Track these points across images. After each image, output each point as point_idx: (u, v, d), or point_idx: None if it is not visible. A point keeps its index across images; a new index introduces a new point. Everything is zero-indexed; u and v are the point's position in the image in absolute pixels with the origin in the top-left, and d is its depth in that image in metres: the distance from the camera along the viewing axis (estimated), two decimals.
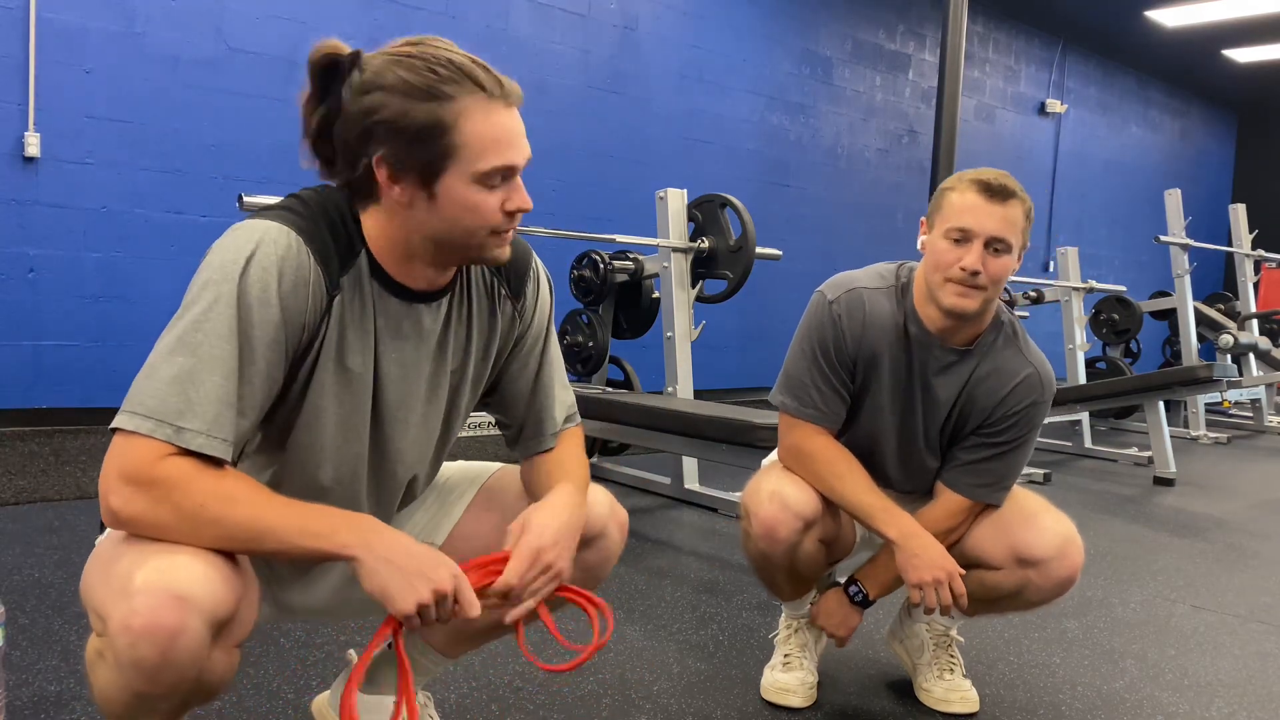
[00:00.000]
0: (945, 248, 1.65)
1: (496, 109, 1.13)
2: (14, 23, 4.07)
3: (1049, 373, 1.77)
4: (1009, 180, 1.65)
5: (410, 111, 1.09)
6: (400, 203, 1.14)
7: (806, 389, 1.76)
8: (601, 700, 1.85)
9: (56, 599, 2.20)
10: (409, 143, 1.10)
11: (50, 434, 4.19)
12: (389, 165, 1.12)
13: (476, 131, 1.11)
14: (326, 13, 4.90)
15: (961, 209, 1.64)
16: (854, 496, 1.72)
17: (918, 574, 1.65)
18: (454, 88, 1.10)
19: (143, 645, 0.97)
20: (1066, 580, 1.73)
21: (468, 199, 1.14)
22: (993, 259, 1.63)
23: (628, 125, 6.23)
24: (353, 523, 1.10)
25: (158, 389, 1.04)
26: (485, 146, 1.12)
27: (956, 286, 1.64)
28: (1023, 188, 1.67)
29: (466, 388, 1.33)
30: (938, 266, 1.66)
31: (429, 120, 1.10)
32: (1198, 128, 11.70)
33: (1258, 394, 7.06)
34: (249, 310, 1.07)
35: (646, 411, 3.42)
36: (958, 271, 1.63)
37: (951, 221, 1.64)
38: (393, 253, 1.19)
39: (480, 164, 1.12)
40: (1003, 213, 1.62)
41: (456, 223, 1.15)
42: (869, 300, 1.74)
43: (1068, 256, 6.21)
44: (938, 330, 1.72)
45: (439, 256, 1.20)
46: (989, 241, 1.62)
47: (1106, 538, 3.49)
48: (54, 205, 4.24)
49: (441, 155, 1.11)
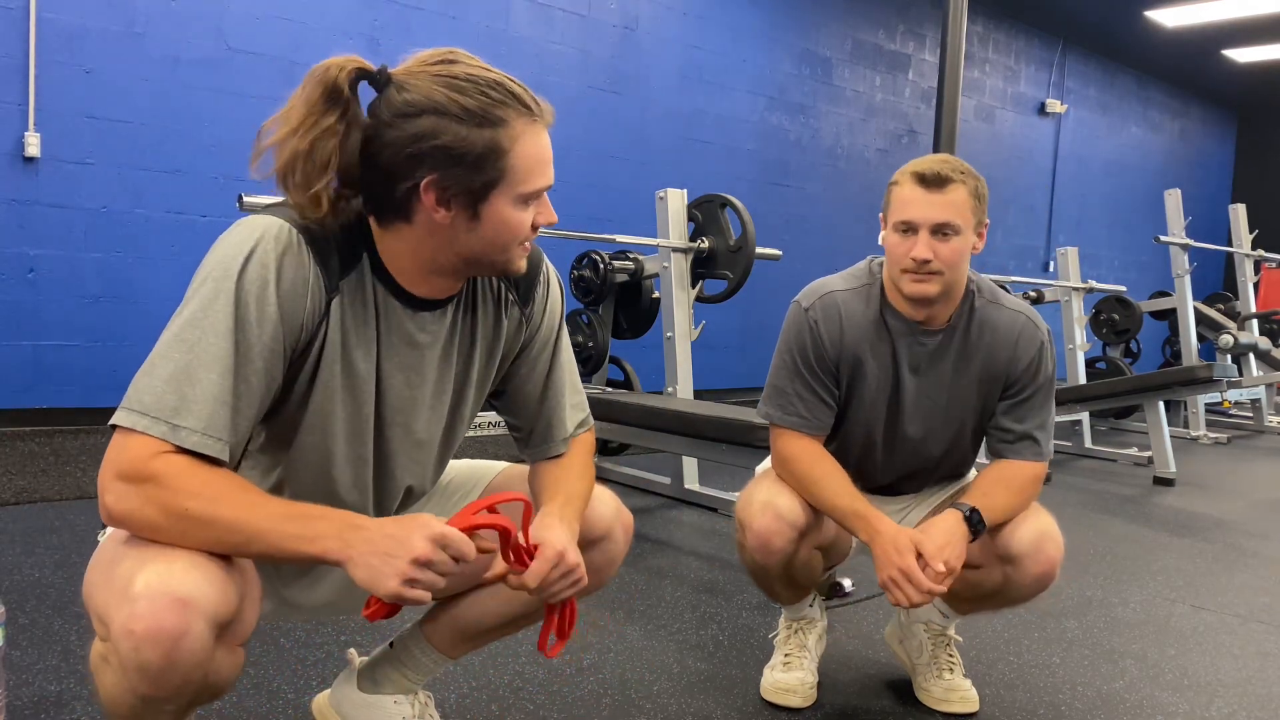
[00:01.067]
0: (896, 240, 1.71)
1: (540, 130, 1.14)
2: (14, 23, 4.07)
3: (1035, 313, 1.83)
4: (946, 166, 1.68)
5: (470, 138, 1.09)
6: (441, 225, 1.13)
7: (789, 398, 1.79)
8: (601, 700, 1.85)
9: (56, 599, 2.20)
10: (466, 169, 1.10)
11: (50, 434, 4.19)
12: (438, 189, 1.11)
13: (527, 154, 1.12)
14: (326, 13, 4.89)
15: (903, 202, 1.69)
16: (830, 500, 1.73)
17: (880, 574, 1.64)
18: (505, 111, 1.11)
19: (146, 649, 0.97)
20: (1043, 575, 1.72)
21: (508, 218, 1.15)
22: (942, 244, 1.67)
23: (628, 125, 6.23)
24: (333, 521, 1.06)
25: (155, 386, 1.04)
26: (532, 169, 1.13)
27: (911, 275, 1.70)
28: (969, 168, 1.71)
29: (470, 393, 1.33)
30: (892, 259, 1.73)
31: (489, 146, 1.10)
32: (1198, 128, 11.70)
33: (1258, 394, 7.05)
34: (247, 308, 1.07)
35: (646, 411, 3.42)
36: (909, 262, 1.69)
37: (897, 215, 1.70)
38: (415, 270, 1.19)
39: (525, 186, 1.14)
40: (942, 199, 1.66)
41: (492, 241, 1.16)
42: (843, 302, 1.78)
43: (1068, 256, 6.21)
44: (913, 318, 1.76)
45: (465, 270, 1.21)
46: (934, 229, 1.67)
47: (1106, 538, 3.49)
48: (54, 205, 4.24)
49: (493, 176, 1.11)
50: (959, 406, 1.82)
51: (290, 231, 1.11)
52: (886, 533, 1.65)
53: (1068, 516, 3.77)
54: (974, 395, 1.81)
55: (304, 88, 1.10)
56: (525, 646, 2.06)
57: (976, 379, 1.79)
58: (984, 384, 1.80)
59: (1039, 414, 1.80)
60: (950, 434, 1.85)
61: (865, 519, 1.68)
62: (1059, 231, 9.69)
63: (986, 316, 1.79)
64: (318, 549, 1.05)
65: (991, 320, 1.79)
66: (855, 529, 1.70)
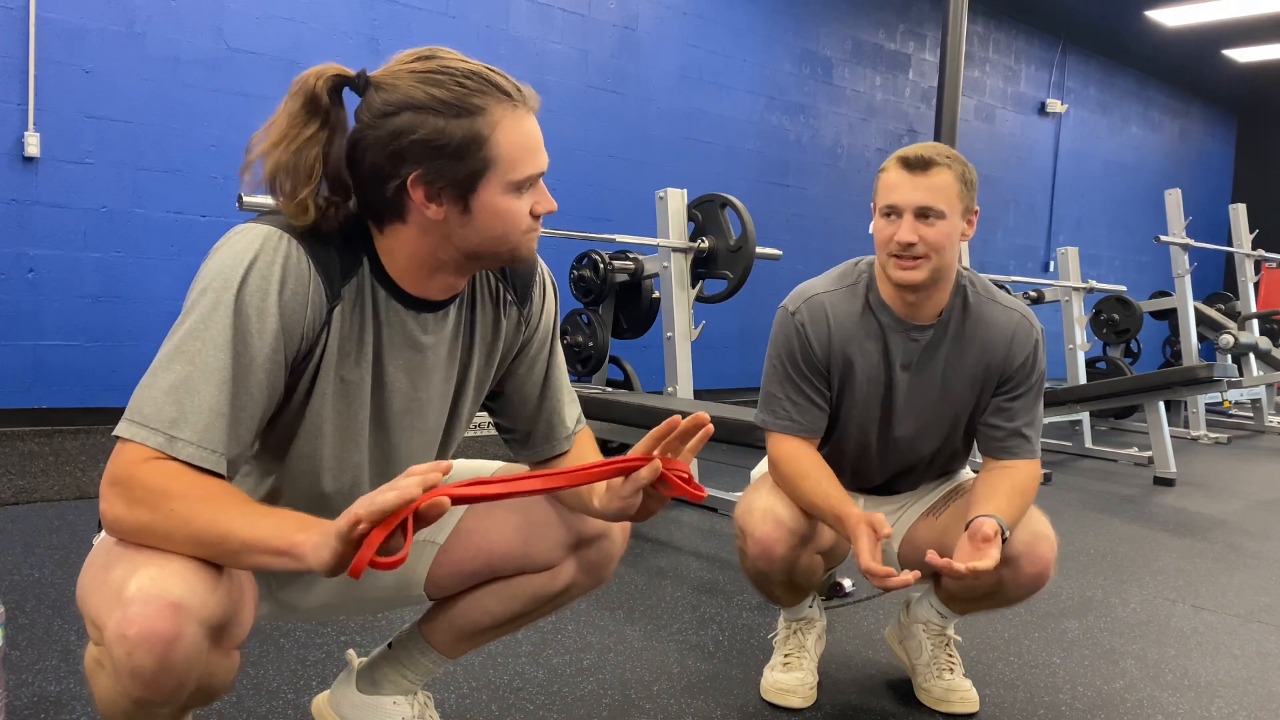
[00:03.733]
0: (882, 225, 1.72)
1: (523, 116, 1.13)
2: (14, 23, 4.07)
3: (1030, 311, 1.84)
4: (931, 150, 1.69)
5: (447, 129, 1.08)
6: (434, 220, 1.13)
7: (780, 403, 1.80)
8: (601, 700, 1.85)
9: (56, 599, 2.20)
10: (448, 160, 1.09)
11: (50, 434, 4.19)
12: (425, 184, 1.10)
13: (510, 141, 1.11)
14: (326, 13, 4.89)
15: (889, 187, 1.70)
16: (813, 498, 1.72)
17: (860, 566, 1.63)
18: (483, 99, 1.10)
19: (139, 653, 0.97)
20: (1038, 576, 1.72)
21: (501, 208, 1.13)
22: (927, 228, 1.67)
23: (628, 125, 6.23)
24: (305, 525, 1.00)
25: (154, 397, 1.04)
26: (518, 156, 1.12)
27: (897, 260, 1.70)
28: (956, 154, 1.71)
29: (469, 393, 1.33)
30: (879, 245, 1.74)
31: (467, 135, 1.09)
32: (1198, 128, 11.70)
33: (1258, 394, 7.05)
34: (248, 320, 1.07)
35: (646, 411, 3.42)
36: (895, 245, 1.69)
37: (883, 200, 1.72)
38: (417, 270, 1.18)
39: (514, 174, 1.12)
40: (926, 183, 1.66)
41: (491, 233, 1.15)
42: (830, 303, 1.79)
43: (1068, 256, 6.21)
44: (904, 312, 1.76)
45: (468, 266, 1.20)
46: (918, 212, 1.67)
47: (1106, 538, 3.48)
48: (54, 205, 4.24)
49: (477, 167, 1.11)
50: (952, 403, 1.81)
51: (289, 240, 1.10)
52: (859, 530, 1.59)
53: (1068, 516, 3.77)
54: (967, 391, 1.81)
55: (286, 99, 1.11)
56: (525, 646, 2.06)
57: (970, 375, 1.79)
58: (977, 380, 1.80)
59: (1029, 412, 1.81)
60: (944, 430, 1.84)
61: (844, 521, 1.65)
62: (1059, 231, 9.69)
63: (981, 312, 1.79)
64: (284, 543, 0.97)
65: (986, 316, 1.79)
66: (836, 526, 1.69)
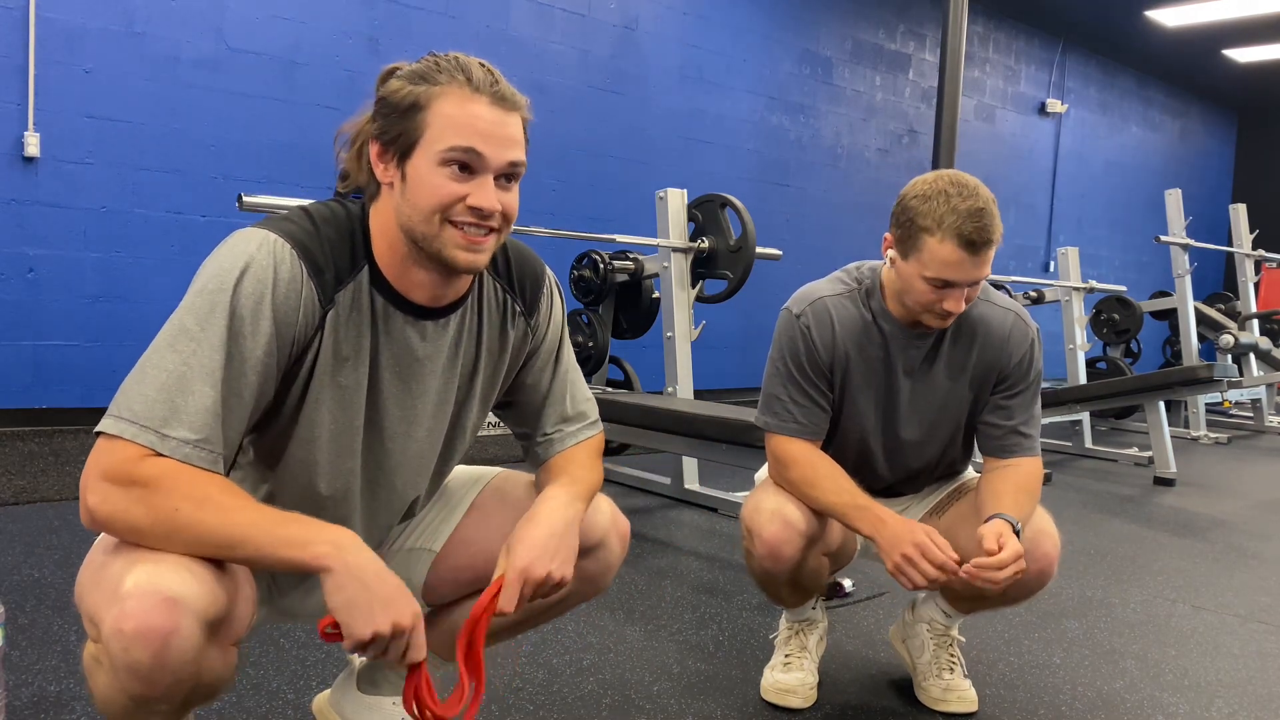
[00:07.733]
0: (924, 289, 1.65)
1: (477, 100, 1.13)
2: (14, 23, 4.07)
3: (1024, 310, 1.84)
4: (987, 222, 1.59)
5: (402, 90, 1.14)
6: (387, 185, 1.17)
7: (784, 405, 1.79)
8: (601, 700, 1.85)
9: (56, 599, 2.20)
10: (396, 118, 1.14)
11: (50, 434, 4.19)
12: (378, 140, 1.16)
13: (445, 113, 1.12)
14: (326, 13, 4.89)
15: (944, 262, 1.61)
16: (826, 498, 1.73)
17: (890, 560, 1.63)
18: (446, 76, 1.14)
19: (136, 649, 0.97)
20: (1041, 574, 1.73)
21: (426, 178, 1.13)
22: (973, 292, 1.68)
23: (628, 125, 6.23)
24: (330, 535, 1.06)
25: (145, 394, 1.04)
26: (448, 126, 1.12)
27: (935, 318, 1.69)
28: (996, 211, 1.62)
29: (474, 405, 1.33)
30: (917, 302, 1.68)
31: (415, 99, 1.13)
32: (1198, 128, 11.70)
33: (1258, 394, 7.05)
34: (241, 322, 1.08)
35: (646, 411, 3.42)
36: (939, 309, 1.66)
37: (932, 271, 1.62)
38: (393, 256, 1.18)
39: (440, 144, 1.12)
40: (984, 260, 1.63)
41: (417, 206, 1.14)
42: (834, 307, 1.78)
43: (1068, 256, 6.20)
44: (910, 324, 1.77)
45: (420, 257, 1.17)
46: (970, 284, 1.66)
47: (1106, 538, 3.48)
48: (54, 205, 4.24)
49: (413, 131, 1.13)
50: (954, 406, 1.82)
51: (284, 246, 1.11)
52: (891, 520, 1.65)
53: (1068, 517, 3.77)
54: (967, 393, 1.81)
55: None
56: (525, 646, 2.06)
57: (969, 377, 1.80)
58: (976, 380, 1.81)
59: (1027, 410, 1.82)
60: (946, 434, 1.85)
61: (868, 510, 1.68)
62: (1059, 231, 9.69)
63: (978, 315, 1.80)
64: (308, 554, 1.04)
65: (983, 318, 1.79)
66: (858, 523, 1.69)
